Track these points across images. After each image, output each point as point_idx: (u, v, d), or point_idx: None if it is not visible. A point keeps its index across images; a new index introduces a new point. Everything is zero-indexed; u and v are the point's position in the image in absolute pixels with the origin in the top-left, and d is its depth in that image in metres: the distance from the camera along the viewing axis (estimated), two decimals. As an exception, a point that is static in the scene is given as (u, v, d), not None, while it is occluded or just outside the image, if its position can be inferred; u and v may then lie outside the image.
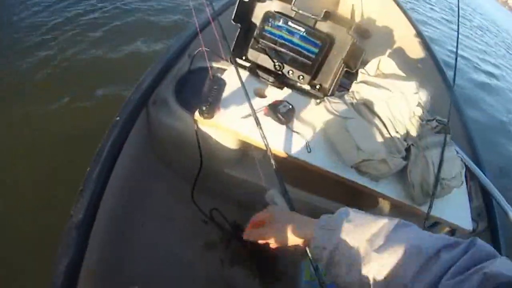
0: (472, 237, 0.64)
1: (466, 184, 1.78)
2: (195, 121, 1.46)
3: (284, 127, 1.50)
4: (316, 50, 1.64)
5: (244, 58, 1.74)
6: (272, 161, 1.22)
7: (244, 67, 1.73)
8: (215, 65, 1.83)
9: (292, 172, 1.44)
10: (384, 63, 1.79)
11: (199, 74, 1.78)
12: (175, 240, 1.76)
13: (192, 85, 1.74)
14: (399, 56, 2.93)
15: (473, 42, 10.62)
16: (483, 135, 4.88)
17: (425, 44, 2.92)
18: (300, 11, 1.65)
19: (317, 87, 1.74)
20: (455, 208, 1.60)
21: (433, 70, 2.73)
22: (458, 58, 2.27)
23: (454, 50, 2.35)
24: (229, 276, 1.70)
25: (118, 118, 1.43)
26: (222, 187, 1.79)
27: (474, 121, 5.05)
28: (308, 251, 1.10)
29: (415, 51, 2.94)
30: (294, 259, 1.70)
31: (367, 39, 3.28)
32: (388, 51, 3.00)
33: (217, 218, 1.80)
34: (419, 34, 3.00)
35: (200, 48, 1.73)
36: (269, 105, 1.52)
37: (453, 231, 1.70)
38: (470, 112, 5.21)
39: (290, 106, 1.55)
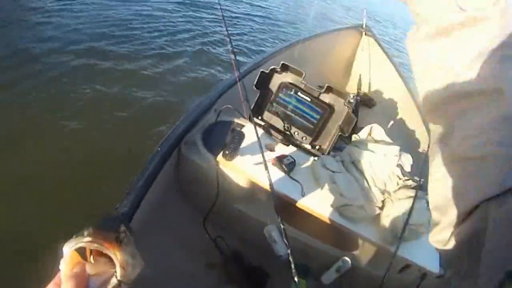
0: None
1: None
2: (217, 162, 1.93)
3: (286, 175, 1.95)
4: (318, 117, 2.13)
5: (260, 117, 2.22)
6: (275, 201, 1.63)
7: (259, 125, 2.19)
8: (236, 120, 2.30)
9: (290, 212, 1.86)
10: (375, 130, 2.26)
11: (223, 126, 2.25)
12: (182, 256, 2.10)
13: (216, 134, 2.18)
14: (395, 121, 3.42)
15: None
16: None
17: (421, 113, 3.39)
18: (308, 84, 2.15)
19: (317, 147, 2.21)
20: (425, 253, 1.92)
21: (424, 135, 3.19)
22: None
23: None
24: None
25: (159, 148, 1.92)
26: (229, 218, 2.17)
27: None
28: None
29: (410, 117, 3.41)
30: (283, 283, 2.04)
31: (371, 108, 3.79)
32: (388, 118, 3.48)
33: (220, 245, 2.15)
34: (416, 105, 3.48)
35: (226, 105, 2.24)
36: (276, 157, 1.99)
37: (423, 276, 1.98)
38: None
39: (293, 160, 2.00)
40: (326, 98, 2.17)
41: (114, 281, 0.58)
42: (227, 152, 1.84)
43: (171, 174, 2.16)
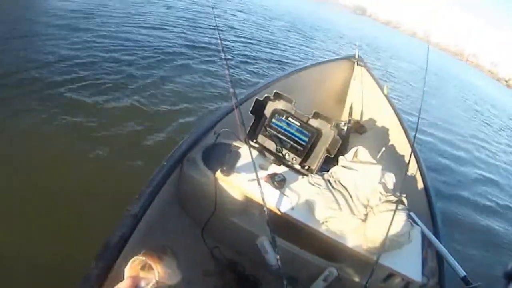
0: None
1: (423, 249, 2.27)
2: (216, 178, 2.15)
3: (277, 191, 2.17)
4: (306, 139, 2.38)
5: (255, 140, 2.47)
6: (267, 214, 1.84)
7: (254, 147, 2.42)
8: (233, 142, 2.52)
9: (281, 225, 2.05)
10: (360, 152, 2.48)
11: (221, 147, 2.46)
12: (180, 264, 2.30)
13: (215, 153, 2.38)
14: (385, 146, 3.65)
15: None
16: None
17: (407, 137, 3.64)
18: (298, 110, 2.41)
19: (306, 167, 2.44)
20: (408, 262, 2.08)
21: (410, 157, 3.42)
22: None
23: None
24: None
25: (165, 163, 2.14)
26: (225, 230, 2.35)
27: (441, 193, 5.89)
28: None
29: (399, 143, 3.66)
30: None
31: (362, 134, 4.05)
32: (378, 142, 3.72)
33: (217, 254, 2.33)
34: (403, 128, 3.74)
35: (224, 129, 2.49)
36: (269, 175, 2.23)
37: (406, 285, 2.12)
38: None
39: (283, 177, 2.24)
40: (315, 123, 2.42)
41: (153, 282, 1.01)
42: (224, 168, 2.09)
43: (173, 189, 2.36)
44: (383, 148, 3.75)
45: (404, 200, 2.20)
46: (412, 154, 3.44)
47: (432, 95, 14.12)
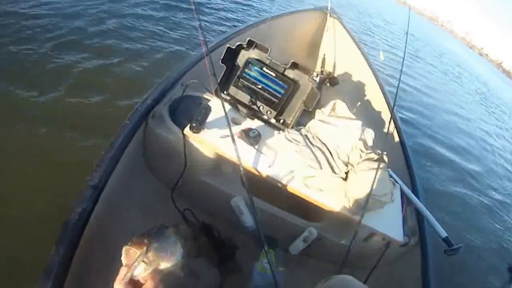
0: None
1: (403, 207, 2.23)
2: (185, 135, 1.94)
3: (252, 148, 1.99)
4: (282, 91, 2.17)
5: (226, 92, 2.24)
6: (242, 173, 1.69)
7: (226, 100, 2.22)
8: (202, 95, 2.32)
9: (257, 183, 1.90)
10: (338, 106, 2.33)
11: (189, 100, 2.27)
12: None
13: (183, 107, 2.20)
14: (359, 100, 3.55)
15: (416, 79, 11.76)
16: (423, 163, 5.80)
17: (382, 91, 3.53)
18: (273, 60, 2.20)
19: (281, 121, 2.25)
20: (388, 222, 2.03)
21: (386, 112, 3.33)
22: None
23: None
24: (194, 265, 2.08)
25: (127, 121, 1.91)
26: (196, 191, 2.21)
27: (426, 153, 6.16)
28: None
29: (373, 96, 3.54)
30: (251, 256, 2.09)
31: (334, 86, 3.90)
32: (351, 97, 3.60)
33: (189, 217, 2.19)
34: (378, 83, 3.63)
35: (192, 80, 2.27)
36: (242, 130, 2.02)
37: (387, 244, 2.07)
38: (425, 144, 6.39)
39: (258, 133, 2.04)
40: (291, 73, 2.22)
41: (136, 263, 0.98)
42: (194, 124, 1.86)
43: (139, 148, 2.17)
44: (358, 103, 3.65)
45: (385, 158, 2.11)
46: (388, 110, 3.35)
47: (412, 56, 14.11)
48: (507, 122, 14.55)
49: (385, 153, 2.13)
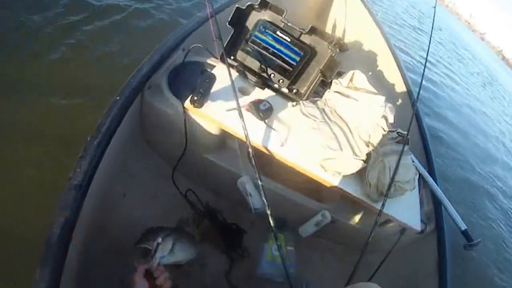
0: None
1: (419, 191, 2.07)
2: (185, 109, 1.69)
3: (262, 123, 1.74)
4: (297, 59, 1.90)
5: (232, 58, 1.97)
6: (250, 151, 1.46)
7: (232, 66, 1.96)
8: (206, 60, 2.05)
9: (266, 163, 1.69)
10: (356, 77, 2.07)
11: (191, 67, 2.00)
12: (151, 213, 1.96)
13: (184, 76, 1.94)
14: (371, 70, 3.25)
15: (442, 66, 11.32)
16: (440, 148, 5.51)
17: (397, 63, 3.23)
18: (289, 23, 1.92)
19: (294, 91, 1.99)
20: (407, 209, 1.86)
21: (401, 87, 3.05)
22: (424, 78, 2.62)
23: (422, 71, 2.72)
24: (199, 252, 1.93)
25: (118, 97, 1.64)
26: (200, 170, 2.01)
27: (434, 135, 5.69)
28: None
29: (387, 68, 3.24)
30: (260, 241, 1.95)
31: (343, 53, 3.59)
32: (362, 65, 3.30)
33: (191, 198, 2.00)
34: (392, 53, 3.31)
35: (195, 44, 1.99)
36: (252, 102, 1.76)
37: (402, 230, 1.96)
38: (432, 125, 5.92)
39: (270, 105, 1.79)
40: (308, 39, 1.94)
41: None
42: (195, 98, 1.59)
43: (135, 123, 1.93)
44: (369, 73, 3.35)
45: (409, 139, 1.91)
46: (403, 83, 3.08)
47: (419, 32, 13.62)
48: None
49: (407, 133, 1.93)
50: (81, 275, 1.43)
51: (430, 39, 2.82)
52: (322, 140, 1.73)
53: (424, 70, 2.59)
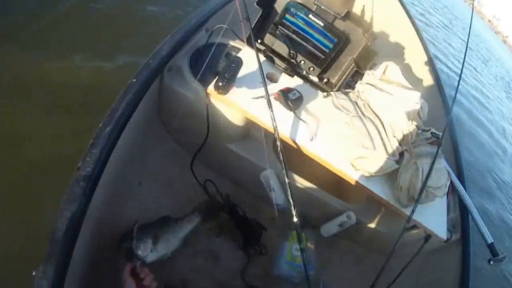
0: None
1: (447, 196, 1.96)
2: (208, 94, 1.57)
3: (291, 113, 1.60)
4: (330, 46, 1.75)
5: (260, 41, 1.83)
6: (278, 144, 1.34)
7: (259, 50, 1.81)
8: (231, 43, 1.91)
9: (292, 156, 1.56)
10: (390, 69, 1.92)
11: (215, 49, 1.85)
12: (167, 203, 1.86)
13: (207, 59, 1.83)
14: (399, 63, 3.08)
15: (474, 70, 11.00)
16: (470, 154, 5.21)
17: (429, 57, 3.05)
18: (322, 6, 1.77)
19: (325, 80, 1.85)
20: (434, 216, 1.75)
21: (431, 82, 2.89)
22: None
23: (455, 70, 2.55)
24: (213, 245, 1.82)
25: (135, 80, 1.51)
26: (220, 160, 1.90)
27: (464, 140, 5.37)
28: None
29: (417, 61, 3.07)
30: (279, 238, 1.85)
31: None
32: (390, 56, 3.13)
33: (210, 189, 1.91)
34: (424, 46, 3.14)
35: (220, 25, 1.85)
36: (281, 90, 1.63)
37: (426, 237, 1.83)
38: (461, 130, 5.50)
39: (300, 95, 1.65)
40: (341, 25, 1.80)
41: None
42: (220, 83, 1.46)
43: (153, 108, 1.82)
44: (392, 56, 3.17)
45: (442, 141, 1.76)
46: (433, 79, 2.91)
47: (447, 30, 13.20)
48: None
49: (440, 133, 1.80)
50: (88, 273, 1.34)
51: (467, 47, 2.63)
52: (355, 137, 1.60)
53: (461, 71, 2.42)
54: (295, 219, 1.25)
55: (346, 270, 2.10)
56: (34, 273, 1.03)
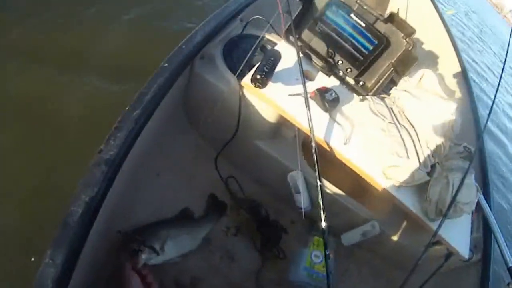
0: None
1: (472, 214, 1.91)
2: (241, 87, 1.52)
3: (326, 114, 1.56)
4: (370, 47, 1.69)
5: (297, 37, 1.78)
6: (313, 145, 1.30)
7: (297, 46, 1.77)
8: (267, 36, 1.87)
9: (325, 161, 1.52)
10: (426, 77, 1.87)
11: (250, 41, 1.81)
12: (185, 196, 1.82)
13: (241, 50, 1.77)
14: (434, 72, 3.00)
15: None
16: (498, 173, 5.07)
17: (462, 68, 2.98)
18: (364, 6, 1.71)
19: (361, 83, 1.79)
20: (458, 234, 1.71)
21: (465, 96, 2.81)
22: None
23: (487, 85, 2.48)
24: (230, 244, 1.78)
25: (166, 64, 1.48)
26: (245, 157, 1.86)
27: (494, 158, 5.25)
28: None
29: (450, 71, 3.00)
30: (298, 243, 1.80)
31: None
32: (424, 64, 3.05)
33: (232, 186, 1.87)
34: (458, 56, 3.06)
35: (256, 16, 1.79)
36: (318, 89, 1.58)
37: (448, 255, 1.79)
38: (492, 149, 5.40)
39: (336, 96, 1.60)
40: (382, 27, 1.74)
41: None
42: (258, 76, 1.39)
43: (180, 97, 1.79)
44: (424, 64, 3.09)
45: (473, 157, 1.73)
46: (466, 92, 2.84)
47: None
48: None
49: (472, 148, 1.75)
50: (98, 262, 1.30)
51: (505, 62, 2.55)
52: (390, 144, 1.56)
53: (497, 88, 2.36)
54: (323, 224, 1.23)
55: (363, 283, 2.06)
56: (33, 259, 0.97)
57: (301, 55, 1.72)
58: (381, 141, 1.56)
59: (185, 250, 1.55)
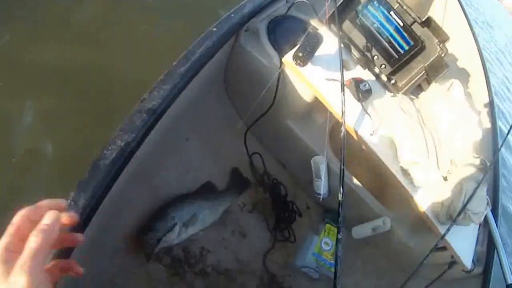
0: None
1: (478, 228, 1.97)
2: (282, 64, 1.56)
3: (358, 104, 1.62)
4: (406, 47, 1.76)
5: (338, 26, 1.82)
6: (343, 130, 1.34)
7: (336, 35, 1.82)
8: (310, 20, 1.91)
9: (350, 151, 1.56)
10: (455, 87, 1.93)
11: (293, 22, 1.86)
12: (209, 165, 1.87)
13: (284, 29, 1.81)
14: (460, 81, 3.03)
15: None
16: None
17: (487, 81, 3.01)
18: (404, 7, 1.76)
19: (392, 82, 1.85)
20: (464, 243, 1.76)
21: (486, 110, 2.84)
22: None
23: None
24: (243, 220, 1.81)
25: (215, 29, 1.51)
26: (273, 135, 1.90)
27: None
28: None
29: (475, 85, 3.04)
30: (310, 229, 1.83)
31: None
32: (451, 73, 3.06)
33: (255, 162, 1.91)
34: (484, 69, 3.08)
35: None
36: (353, 78, 1.64)
37: (451, 263, 1.85)
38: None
39: (369, 87, 1.66)
40: (418, 30, 1.79)
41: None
42: (300, 54, 1.46)
43: (221, 67, 1.82)
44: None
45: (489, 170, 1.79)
46: (489, 106, 2.87)
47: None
48: None
49: (489, 163, 1.80)
50: (116, 214, 1.31)
51: None
52: (413, 141, 1.63)
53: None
54: (341, 217, 1.24)
55: (366, 280, 2.10)
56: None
57: (341, 44, 1.78)
58: (405, 136, 1.63)
59: (207, 224, 1.59)
